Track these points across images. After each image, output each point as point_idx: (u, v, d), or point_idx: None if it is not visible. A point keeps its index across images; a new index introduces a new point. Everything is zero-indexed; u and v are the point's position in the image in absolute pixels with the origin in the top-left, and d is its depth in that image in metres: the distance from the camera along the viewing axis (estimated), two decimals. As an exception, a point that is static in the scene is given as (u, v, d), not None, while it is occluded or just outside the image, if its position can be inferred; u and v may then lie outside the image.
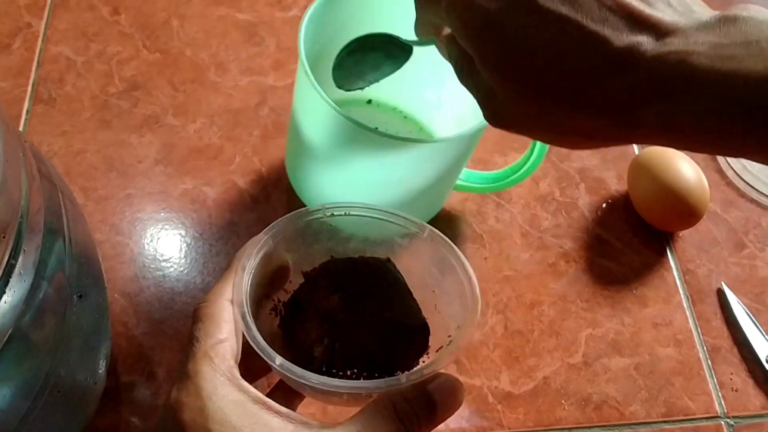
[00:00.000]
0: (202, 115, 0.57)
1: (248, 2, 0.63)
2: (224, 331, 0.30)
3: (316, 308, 0.35)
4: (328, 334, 0.34)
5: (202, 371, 0.29)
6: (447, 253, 0.35)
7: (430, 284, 0.36)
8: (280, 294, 0.36)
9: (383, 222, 0.36)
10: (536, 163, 0.45)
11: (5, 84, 0.59)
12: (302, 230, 0.35)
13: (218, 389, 0.28)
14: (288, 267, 0.35)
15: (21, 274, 0.30)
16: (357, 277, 0.35)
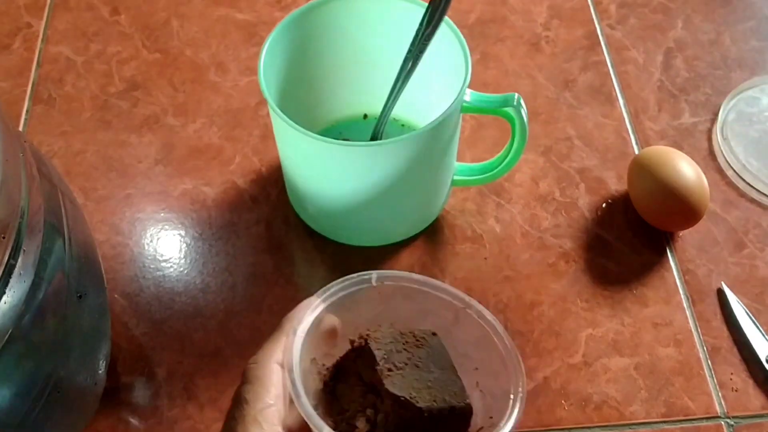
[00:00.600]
0: (202, 115, 0.57)
1: (248, 2, 0.63)
2: (272, 395, 0.31)
3: (361, 377, 0.35)
4: (372, 404, 0.34)
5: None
6: (490, 331, 0.35)
7: (474, 361, 0.36)
8: (325, 358, 0.36)
9: (431, 294, 0.36)
10: (521, 145, 0.45)
11: (5, 84, 0.59)
12: (353, 296, 0.35)
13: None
14: (336, 331, 0.35)
15: (21, 274, 0.30)
16: (404, 350, 0.35)
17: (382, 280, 0.36)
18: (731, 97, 0.56)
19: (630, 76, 0.59)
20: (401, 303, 0.36)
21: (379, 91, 0.46)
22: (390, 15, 0.46)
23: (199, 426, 0.44)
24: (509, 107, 0.44)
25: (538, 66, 0.60)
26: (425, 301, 0.36)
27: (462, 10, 0.63)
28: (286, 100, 0.47)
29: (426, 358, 0.35)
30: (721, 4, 0.63)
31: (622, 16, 0.63)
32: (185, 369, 0.46)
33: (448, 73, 0.45)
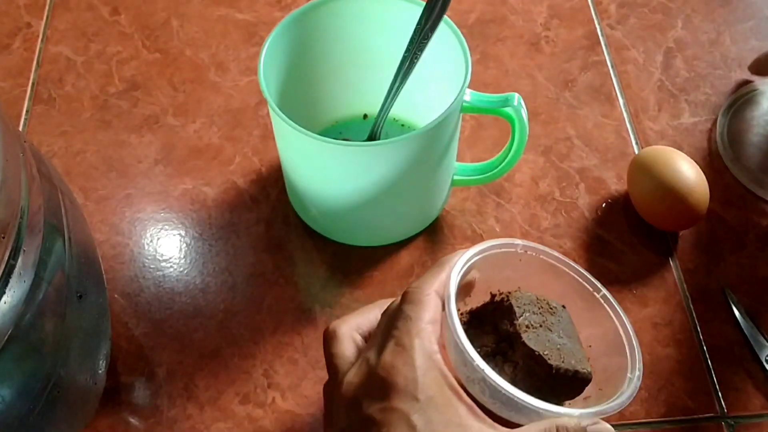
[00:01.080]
0: (202, 115, 0.57)
1: (248, 2, 0.63)
2: (430, 317, 0.33)
3: (497, 327, 0.38)
4: (503, 353, 0.37)
5: (417, 347, 0.31)
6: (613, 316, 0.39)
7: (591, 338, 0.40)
8: (460, 305, 0.40)
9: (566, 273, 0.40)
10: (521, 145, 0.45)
11: (5, 84, 0.59)
12: (499, 256, 0.39)
13: (429, 368, 0.31)
14: (473, 285, 0.39)
15: (21, 275, 0.30)
16: (539, 313, 0.38)
17: (526, 249, 0.40)
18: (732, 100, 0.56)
19: (630, 75, 0.59)
20: (537, 274, 0.40)
21: (379, 91, 0.46)
22: (390, 15, 0.46)
23: (199, 426, 0.44)
24: (509, 107, 0.44)
25: (538, 66, 0.60)
26: (559, 278, 0.40)
27: (462, 10, 0.63)
28: (286, 100, 0.47)
29: (557, 325, 0.38)
30: (721, 3, 0.63)
31: (622, 15, 0.63)
32: (185, 369, 0.46)
33: (448, 73, 0.45)
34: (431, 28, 0.42)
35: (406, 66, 0.44)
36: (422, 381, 0.31)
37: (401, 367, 0.31)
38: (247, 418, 0.44)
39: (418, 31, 0.42)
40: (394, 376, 0.31)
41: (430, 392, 0.30)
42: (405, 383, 0.31)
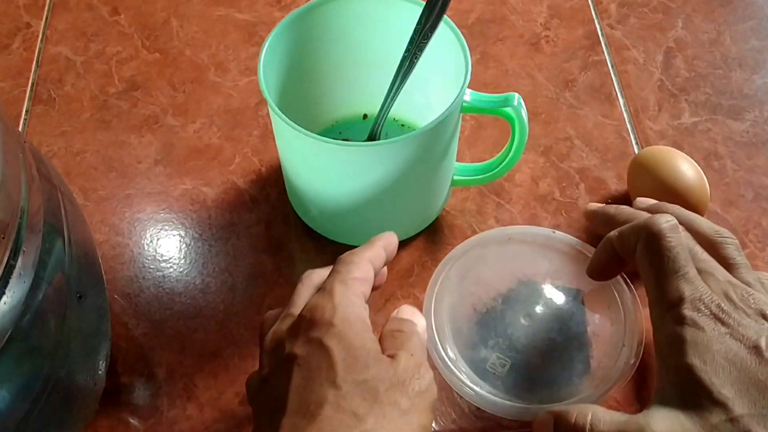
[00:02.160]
0: (202, 115, 0.57)
1: (248, 2, 0.63)
2: (360, 275, 0.35)
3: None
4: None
5: (339, 290, 0.34)
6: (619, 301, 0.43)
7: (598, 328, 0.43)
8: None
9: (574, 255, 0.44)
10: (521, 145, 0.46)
11: (5, 84, 0.58)
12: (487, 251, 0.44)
13: (348, 304, 0.33)
14: None
15: (20, 275, 0.30)
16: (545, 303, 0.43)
17: (522, 237, 0.44)
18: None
19: (630, 75, 0.59)
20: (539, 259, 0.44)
21: (379, 91, 0.46)
22: (390, 15, 0.46)
23: (198, 426, 0.44)
24: (509, 107, 0.44)
25: (538, 66, 0.60)
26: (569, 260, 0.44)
27: (462, 9, 0.63)
28: (285, 100, 0.47)
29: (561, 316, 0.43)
30: (721, 3, 0.63)
31: (622, 15, 0.63)
32: (185, 369, 0.46)
33: (448, 73, 0.45)
34: (431, 28, 0.42)
35: (406, 66, 0.44)
36: (339, 310, 0.33)
37: (323, 304, 0.33)
38: (247, 418, 0.44)
39: (418, 31, 0.42)
40: (315, 312, 0.33)
41: (345, 318, 0.32)
42: (323, 315, 0.32)
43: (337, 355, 0.31)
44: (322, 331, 0.32)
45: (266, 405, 0.32)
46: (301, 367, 0.31)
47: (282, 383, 0.32)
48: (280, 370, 0.32)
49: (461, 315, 0.43)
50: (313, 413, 0.30)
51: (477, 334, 0.42)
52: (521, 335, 0.42)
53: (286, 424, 0.30)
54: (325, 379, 0.31)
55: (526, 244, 0.44)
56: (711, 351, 0.33)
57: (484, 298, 0.44)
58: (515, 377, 0.41)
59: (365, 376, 0.31)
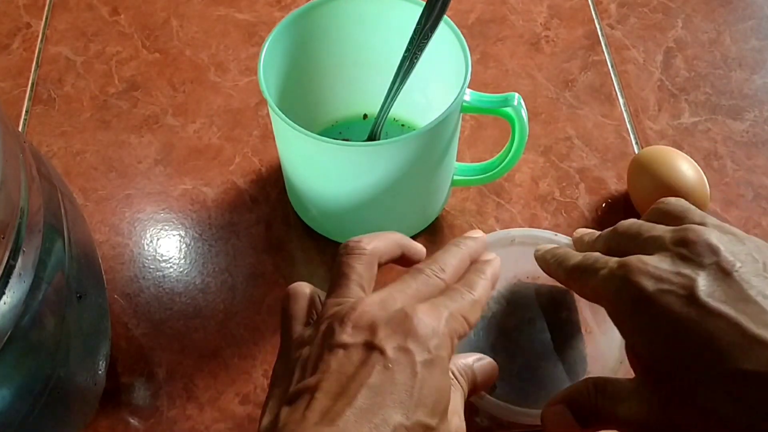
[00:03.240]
0: (202, 115, 0.57)
1: (248, 2, 0.63)
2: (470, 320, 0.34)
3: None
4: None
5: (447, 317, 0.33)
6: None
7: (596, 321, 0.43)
8: None
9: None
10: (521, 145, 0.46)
11: (5, 84, 0.58)
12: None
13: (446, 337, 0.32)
14: None
15: (20, 275, 0.30)
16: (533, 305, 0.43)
17: (513, 238, 0.43)
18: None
19: (630, 75, 0.59)
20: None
21: (379, 91, 0.46)
22: (390, 15, 0.46)
23: (199, 426, 0.44)
24: (509, 107, 0.44)
25: (538, 66, 0.60)
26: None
27: (462, 9, 0.63)
28: (286, 100, 0.47)
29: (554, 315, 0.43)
30: (721, 3, 0.63)
31: (622, 15, 0.63)
32: (185, 369, 0.46)
33: (448, 73, 0.45)
34: (431, 28, 0.42)
35: (406, 66, 0.44)
36: (440, 341, 0.31)
37: (430, 322, 0.32)
38: (247, 418, 0.44)
39: (418, 31, 0.42)
40: (421, 322, 0.31)
41: (441, 353, 0.31)
42: (426, 333, 0.31)
43: (419, 386, 0.30)
44: (419, 351, 0.31)
45: (329, 369, 0.31)
46: (385, 371, 0.30)
47: (359, 369, 0.30)
48: (363, 352, 0.31)
49: None
50: (376, 427, 0.29)
51: (484, 340, 0.42)
52: (526, 338, 0.42)
53: (348, 417, 0.29)
54: (400, 402, 0.29)
55: (528, 246, 0.44)
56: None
57: (489, 301, 0.43)
58: (522, 381, 0.41)
59: (432, 422, 0.30)
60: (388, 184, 0.44)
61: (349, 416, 0.29)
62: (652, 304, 0.31)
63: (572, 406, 0.35)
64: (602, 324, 0.42)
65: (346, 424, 0.28)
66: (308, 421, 0.29)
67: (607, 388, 0.34)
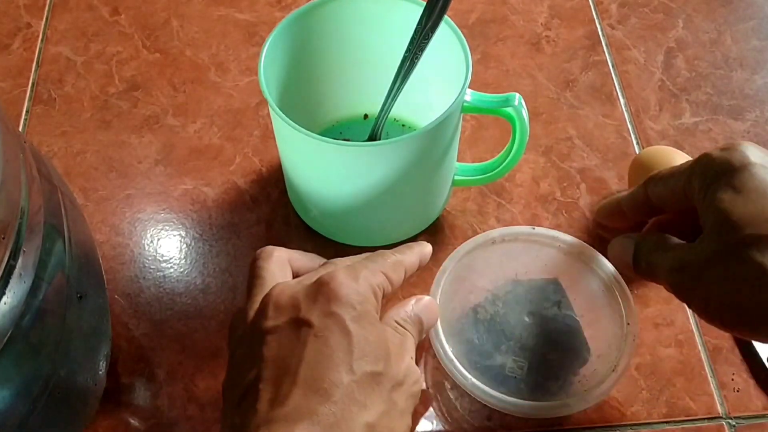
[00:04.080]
0: (202, 115, 0.57)
1: (248, 2, 0.63)
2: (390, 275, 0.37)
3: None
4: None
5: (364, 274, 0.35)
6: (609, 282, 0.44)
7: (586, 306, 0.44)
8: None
9: (545, 246, 0.45)
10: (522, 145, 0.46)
11: (5, 84, 0.58)
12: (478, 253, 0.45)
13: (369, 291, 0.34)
14: None
15: (21, 275, 0.30)
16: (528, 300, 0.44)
17: (503, 237, 0.45)
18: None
19: (631, 75, 0.59)
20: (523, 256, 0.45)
21: (380, 91, 0.46)
22: (390, 15, 0.46)
23: (199, 427, 0.44)
24: (510, 107, 0.44)
25: (539, 66, 0.60)
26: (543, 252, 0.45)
27: (462, 9, 0.63)
28: (286, 100, 0.46)
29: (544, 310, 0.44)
30: (721, 3, 0.63)
31: (623, 15, 0.63)
32: (185, 370, 0.46)
33: (449, 73, 0.45)
34: (432, 28, 0.42)
35: (407, 66, 0.44)
36: (363, 297, 0.33)
37: (349, 282, 0.33)
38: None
39: (419, 31, 0.42)
40: (340, 287, 0.32)
41: (365, 307, 0.32)
42: (346, 293, 0.32)
43: (356, 340, 0.31)
44: (344, 311, 0.32)
45: (263, 359, 0.31)
46: (318, 339, 0.31)
47: (293, 347, 0.31)
48: (291, 331, 0.31)
49: (467, 327, 0.43)
50: (326, 392, 0.29)
51: (488, 342, 0.42)
52: (529, 334, 0.43)
53: (296, 394, 0.29)
54: (341, 361, 0.30)
55: (510, 243, 0.45)
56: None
57: (485, 305, 0.44)
58: (535, 376, 0.42)
59: (378, 369, 0.31)
60: (388, 184, 0.44)
61: (296, 393, 0.29)
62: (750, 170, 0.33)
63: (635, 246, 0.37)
64: (594, 307, 0.43)
65: (296, 401, 0.29)
66: (260, 413, 0.29)
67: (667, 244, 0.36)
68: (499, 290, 0.44)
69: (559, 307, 0.44)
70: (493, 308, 0.44)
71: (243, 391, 0.31)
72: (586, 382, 0.41)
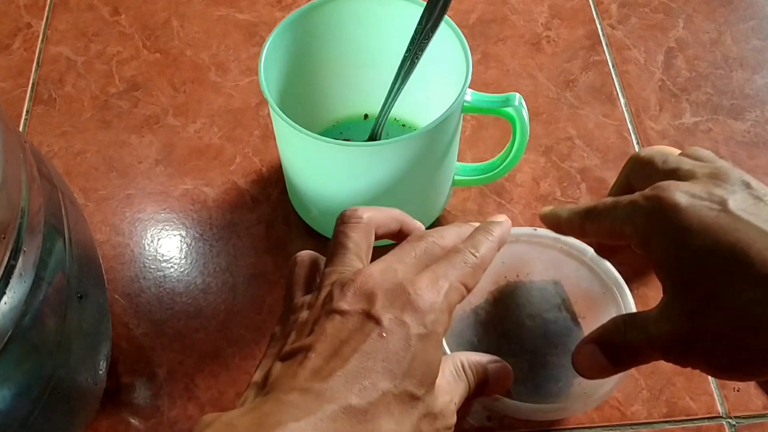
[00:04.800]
0: (203, 115, 0.57)
1: (248, 2, 0.63)
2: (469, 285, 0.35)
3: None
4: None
5: (448, 294, 0.33)
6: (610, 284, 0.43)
7: (587, 307, 0.44)
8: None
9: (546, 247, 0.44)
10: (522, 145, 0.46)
11: (5, 84, 0.58)
12: None
13: (446, 311, 0.33)
14: None
15: (21, 275, 0.30)
16: (528, 302, 0.43)
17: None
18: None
19: (631, 75, 0.59)
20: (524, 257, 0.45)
21: (380, 91, 0.46)
22: (390, 15, 0.46)
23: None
24: (510, 107, 0.44)
25: (539, 66, 0.60)
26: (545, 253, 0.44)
27: (462, 10, 0.63)
28: (286, 100, 0.47)
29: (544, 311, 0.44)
30: (722, 3, 0.63)
31: (623, 15, 0.63)
32: (186, 369, 0.46)
33: (449, 73, 0.45)
34: (432, 28, 0.42)
35: (407, 66, 0.44)
36: (437, 316, 0.32)
37: (430, 296, 0.32)
38: (247, 418, 0.44)
39: (419, 31, 0.42)
40: (419, 297, 0.32)
41: (437, 328, 0.32)
42: (423, 308, 0.31)
43: (412, 357, 0.31)
44: (415, 324, 0.31)
45: (324, 333, 0.31)
46: (379, 339, 0.31)
47: (354, 335, 0.31)
48: (359, 320, 0.31)
49: (467, 328, 0.43)
50: (364, 389, 0.29)
51: (486, 345, 0.42)
52: (529, 336, 0.42)
53: (338, 377, 0.29)
54: (390, 369, 0.30)
55: (511, 244, 0.45)
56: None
57: (485, 306, 0.44)
58: (535, 378, 0.41)
59: (418, 392, 0.31)
60: (388, 184, 0.44)
61: (339, 376, 0.29)
62: (685, 215, 0.32)
63: (603, 345, 0.36)
64: (596, 309, 0.43)
65: (336, 383, 0.29)
66: (299, 377, 0.30)
67: (636, 319, 0.35)
68: (500, 291, 0.44)
69: (560, 308, 0.44)
70: (493, 309, 0.44)
71: (293, 350, 0.31)
72: (586, 384, 0.41)
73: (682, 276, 0.32)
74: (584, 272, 0.44)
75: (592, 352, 0.36)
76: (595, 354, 0.36)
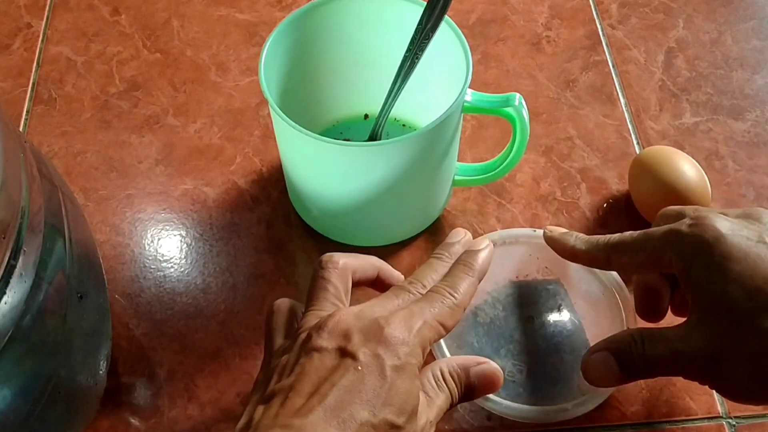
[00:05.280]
0: (203, 115, 0.57)
1: (248, 2, 0.63)
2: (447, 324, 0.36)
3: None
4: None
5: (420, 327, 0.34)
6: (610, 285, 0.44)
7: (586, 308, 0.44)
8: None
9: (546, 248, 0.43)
10: (522, 145, 0.46)
11: (5, 84, 0.59)
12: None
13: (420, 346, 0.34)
14: None
15: (21, 275, 0.30)
16: (528, 303, 0.44)
17: (504, 239, 0.45)
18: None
19: (631, 75, 0.59)
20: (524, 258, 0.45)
21: (380, 91, 0.46)
22: (391, 15, 0.46)
23: (200, 426, 0.44)
24: (510, 107, 0.44)
25: (539, 66, 0.60)
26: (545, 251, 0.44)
27: (463, 9, 0.63)
28: (286, 100, 0.47)
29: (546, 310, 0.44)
30: (722, 3, 0.63)
31: (623, 15, 0.63)
32: (186, 369, 0.46)
33: (449, 73, 0.45)
34: (432, 28, 0.42)
35: (407, 66, 0.44)
36: (410, 349, 0.33)
37: (402, 333, 0.33)
38: (248, 418, 0.44)
39: (419, 31, 0.42)
40: (392, 332, 0.33)
41: (410, 360, 0.33)
42: (395, 342, 0.33)
43: (388, 387, 0.32)
44: (389, 357, 0.32)
45: (303, 372, 0.32)
46: (356, 373, 0.32)
47: (332, 371, 0.32)
48: (335, 357, 0.33)
49: (467, 330, 0.43)
50: (344, 422, 0.31)
51: (488, 346, 0.42)
52: (528, 337, 0.42)
53: (318, 412, 0.30)
54: (368, 401, 0.31)
55: (510, 246, 0.45)
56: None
57: (484, 308, 0.44)
58: (535, 379, 0.41)
59: (398, 421, 0.32)
60: (389, 184, 0.44)
61: (319, 412, 0.30)
62: (726, 241, 0.34)
63: (617, 354, 0.37)
64: (595, 309, 0.43)
65: (315, 418, 0.30)
66: (280, 417, 0.31)
67: (654, 334, 0.36)
68: (499, 293, 0.44)
69: (559, 309, 0.44)
70: (493, 311, 0.44)
71: (274, 391, 0.32)
72: (586, 385, 0.41)
73: (717, 298, 0.34)
74: (584, 273, 0.44)
75: (605, 361, 0.37)
76: (608, 363, 0.37)
